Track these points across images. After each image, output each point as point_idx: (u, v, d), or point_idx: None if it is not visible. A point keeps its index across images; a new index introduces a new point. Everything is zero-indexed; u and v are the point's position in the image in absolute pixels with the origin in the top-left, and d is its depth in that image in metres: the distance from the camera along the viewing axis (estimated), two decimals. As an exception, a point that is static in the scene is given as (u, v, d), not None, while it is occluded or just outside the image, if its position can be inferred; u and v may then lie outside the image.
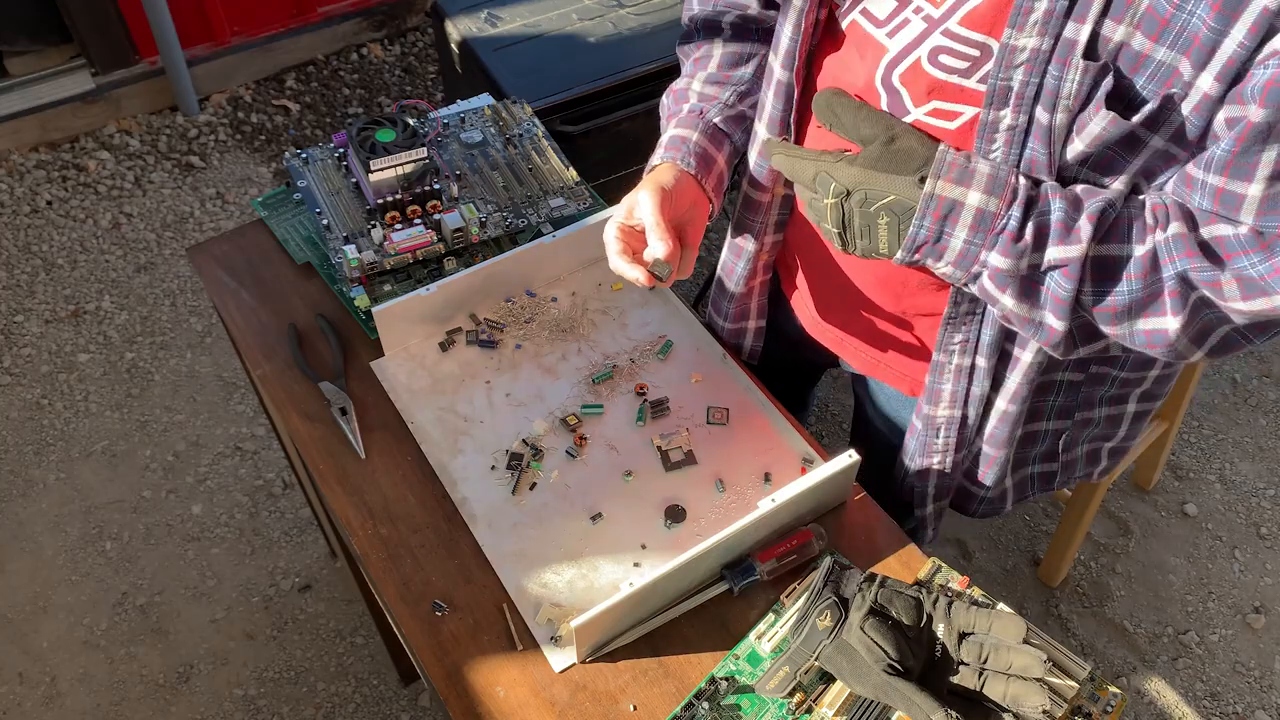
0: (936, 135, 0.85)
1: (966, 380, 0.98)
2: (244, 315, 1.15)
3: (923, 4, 0.84)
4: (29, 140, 2.54)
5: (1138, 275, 0.79)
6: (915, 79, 0.85)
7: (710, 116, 1.02)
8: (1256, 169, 0.73)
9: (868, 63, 0.88)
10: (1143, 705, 1.80)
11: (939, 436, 1.03)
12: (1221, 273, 0.77)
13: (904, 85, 0.86)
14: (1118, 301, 0.80)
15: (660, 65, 1.94)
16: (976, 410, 1.00)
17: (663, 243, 0.91)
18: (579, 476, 1.02)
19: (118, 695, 1.77)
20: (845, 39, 0.90)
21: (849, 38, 0.90)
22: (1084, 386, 1.02)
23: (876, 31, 0.87)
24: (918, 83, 0.85)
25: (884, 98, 0.87)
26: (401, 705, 1.79)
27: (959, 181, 0.81)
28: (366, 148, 1.11)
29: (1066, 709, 0.84)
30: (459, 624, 0.92)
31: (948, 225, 0.82)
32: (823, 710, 0.85)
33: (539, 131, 1.28)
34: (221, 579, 1.91)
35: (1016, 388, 0.97)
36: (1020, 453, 1.07)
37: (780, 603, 0.92)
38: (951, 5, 0.82)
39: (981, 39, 0.81)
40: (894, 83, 0.86)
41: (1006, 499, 1.13)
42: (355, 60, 2.82)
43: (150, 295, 2.31)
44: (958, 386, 0.98)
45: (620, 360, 1.11)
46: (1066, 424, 1.06)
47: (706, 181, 1.00)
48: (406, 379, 1.08)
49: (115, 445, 2.07)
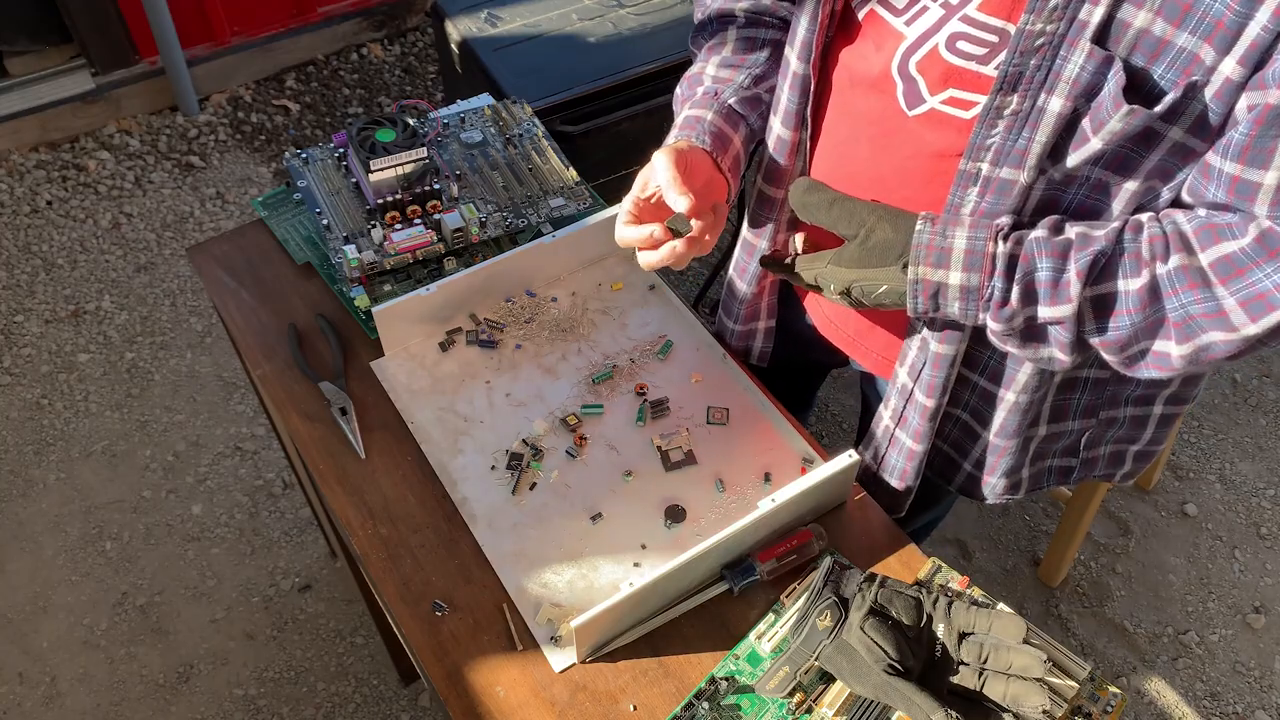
0: (952, 123, 0.85)
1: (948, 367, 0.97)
2: (244, 315, 1.15)
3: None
4: (29, 140, 2.54)
5: (1137, 309, 0.79)
6: (932, 66, 0.85)
7: (725, 98, 1.00)
8: (1274, 155, 0.73)
9: (884, 52, 0.88)
10: (1143, 705, 1.80)
11: (902, 402, 1.01)
12: (1225, 299, 0.76)
13: (920, 73, 0.86)
14: (1119, 335, 0.81)
15: (660, 65, 1.94)
16: (969, 400, 0.99)
17: (683, 197, 0.88)
18: (579, 477, 1.02)
19: (118, 695, 1.77)
20: (861, 29, 0.90)
21: (865, 28, 0.89)
22: (1110, 385, 1.02)
23: (894, 20, 0.86)
24: (934, 70, 0.85)
25: (900, 85, 0.87)
26: (401, 705, 1.79)
27: (938, 265, 0.84)
28: (366, 148, 1.11)
29: (1066, 709, 0.84)
30: (459, 624, 0.92)
31: (940, 300, 0.85)
32: (823, 710, 0.85)
33: (539, 131, 1.28)
34: (221, 579, 1.91)
35: (1025, 380, 0.96)
36: (1042, 446, 1.07)
37: (780, 603, 0.92)
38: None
39: (1000, 24, 0.81)
40: (910, 70, 0.86)
41: (1020, 489, 1.12)
42: (355, 60, 2.82)
43: (150, 295, 2.31)
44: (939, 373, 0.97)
45: (620, 360, 1.11)
46: (1091, 422, 1.06)
47: (723, 160, 0.98)
48: (406, 379, 1.08)
49: (115, 445, 2.07)
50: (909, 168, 0.90)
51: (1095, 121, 0.77)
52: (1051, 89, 0.77)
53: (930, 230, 0.84)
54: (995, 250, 0.81)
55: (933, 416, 0.98)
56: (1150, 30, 0.73)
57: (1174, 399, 1.07)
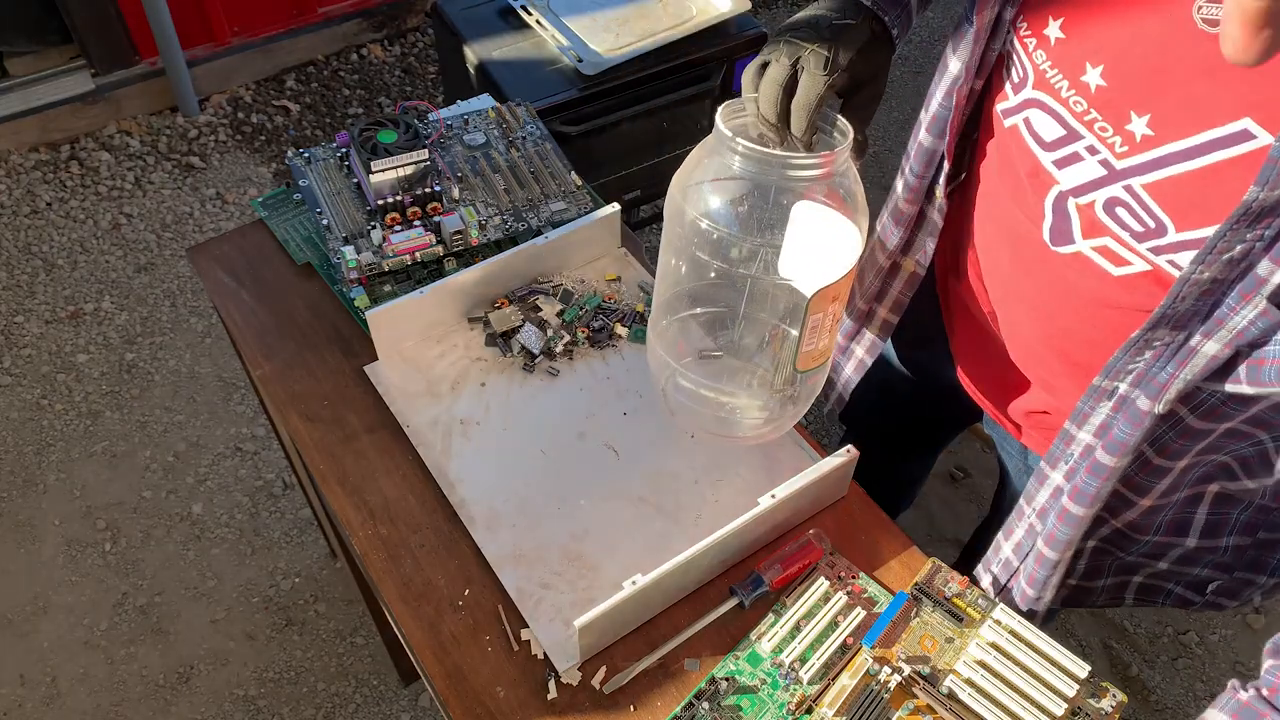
0: (1098, 274, 0.78)
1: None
2: (244, 315, 1.15)
3: (1098, 145, 0.74)
4: (29, 140, 2.54)
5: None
6: (1087, 215, 0.78)
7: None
8: None
9: (1039, 179, 0.80)
10: (1143, 705, 1.80)
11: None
12: None
13: (1077, 213, 0.79)
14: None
15: (661, 65, 1.94)
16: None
17: None
18: (579, 476, 1.02)
19: (118, 696, 1.77)
20: (1006, 137, 0.83)
21: (1009, 138, 0.82)
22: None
23: (1041, 154, 0.79)
24: (1089, 217, 0.78)
25: (1049, 219, 0.80)
26: (401, 705, 1.79)
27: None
28: (368, 149, 1.11)
29: (1066, 709, 0.84)
30: (459, 624, 0.92)
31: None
32: (823, 710, 0.85)
33: (541, 134, 1.28)
34: (221, 579, 1.91)
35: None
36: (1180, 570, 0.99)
37: (782, 603, 0.93)
38: (1138, 165, 0.71)
39: (1162, 216, 0.71)
40: (1068, 208, 0.79)
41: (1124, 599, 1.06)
42: (355, 61, 2.82)
43: (150, 295, 2.31)
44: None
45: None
46: (1247, 540, 0.95)
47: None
48: (401, 382, 1.08)
49: (115, 445, 2.08)
50: (1046, 295, 0.85)
51: (1253, 377, 0.70)
52: (1210, 334, 0.70)
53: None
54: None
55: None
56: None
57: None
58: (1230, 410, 0.77)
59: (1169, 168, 0.70)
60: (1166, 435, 0.81)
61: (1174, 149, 0.69)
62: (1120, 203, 0.74)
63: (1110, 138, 0.73)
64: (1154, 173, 0.70)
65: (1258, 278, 0.66)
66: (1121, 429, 0.80)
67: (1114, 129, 0.72)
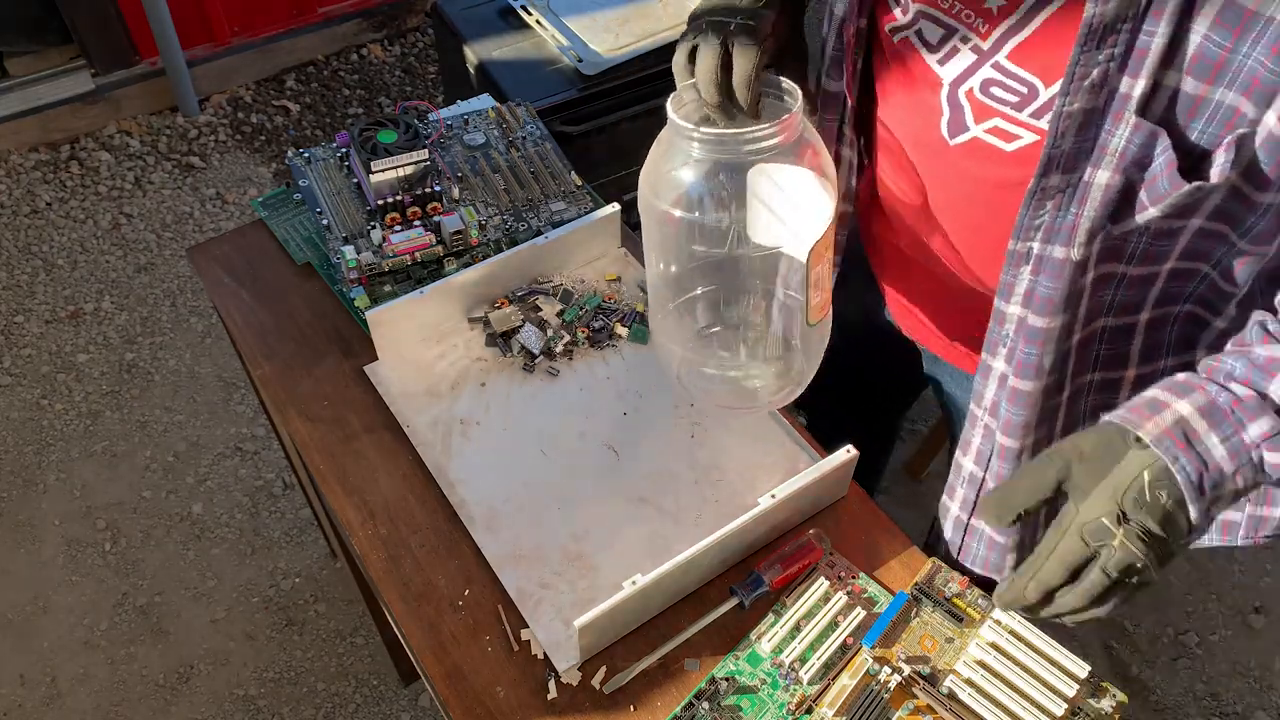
0: (994, 155, 0.83)
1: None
2: (244, 315, 1.15)
3: (968, 34, 0.81)
4: (29, 140, 2.54)
5: None
6: (973, 101, 0.83)
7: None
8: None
9: (928, 82, 0.86)
10: (1143, 705, 1.80)
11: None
12: None
13: (967, 100, 0.84)
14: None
15: (661, 65, 1.94)
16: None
17: None
18: (578, 476, 1.02)
19: (118, 696, 1.77)
20: (897, 53, 0.88)
21: (903, 51, 0.88)
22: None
23: (929, 57, 0.85)
24: (976, 104, 0.83)
25: (946, 113, 0.85)
26: (401, 705, 1.79)
27: (1154, 410, 0.73)
28: (368, 149, 1.11)
29: (1066, 709, 0.85)
30: (459, 624, 0.92)
31: (1195, 444, 0.71)
32: (822, 710, 0.85)
33: (541, 134, 1.28)
34: (221, 579, 1.91)
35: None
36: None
37: (782, 603, 0.92)
38: (998, 38, 0.79)
39: (1030, 79, 0.78)
40: (959, 98, 0.84)
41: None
42: (355, 61, 2.82)
43: (150, 295, 2.31)
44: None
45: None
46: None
47: None
48: (401, 382, 1.08)
49: (115, 445, 2.08)
50: (954, 194, 0.89)
51: (1153, 195, 0.74)
52: (1097, 164, 0.75)
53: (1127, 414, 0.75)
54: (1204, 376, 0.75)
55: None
56: (1181, 89, 0.70)
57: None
58: (1160, 248, 0.81)
59: (1021, 31, 0.77)
60: (1116, 294, 0.86)
61: (1021, 13, 0.76)
62: (994, 81, 0.80)
63: (974, 21, 0.80)
64: (1011, 40, 0.78)
65: (1122, 96, 0.71)
66: (1045, 286, 0.83)
67: (975, 13, 0.79)
